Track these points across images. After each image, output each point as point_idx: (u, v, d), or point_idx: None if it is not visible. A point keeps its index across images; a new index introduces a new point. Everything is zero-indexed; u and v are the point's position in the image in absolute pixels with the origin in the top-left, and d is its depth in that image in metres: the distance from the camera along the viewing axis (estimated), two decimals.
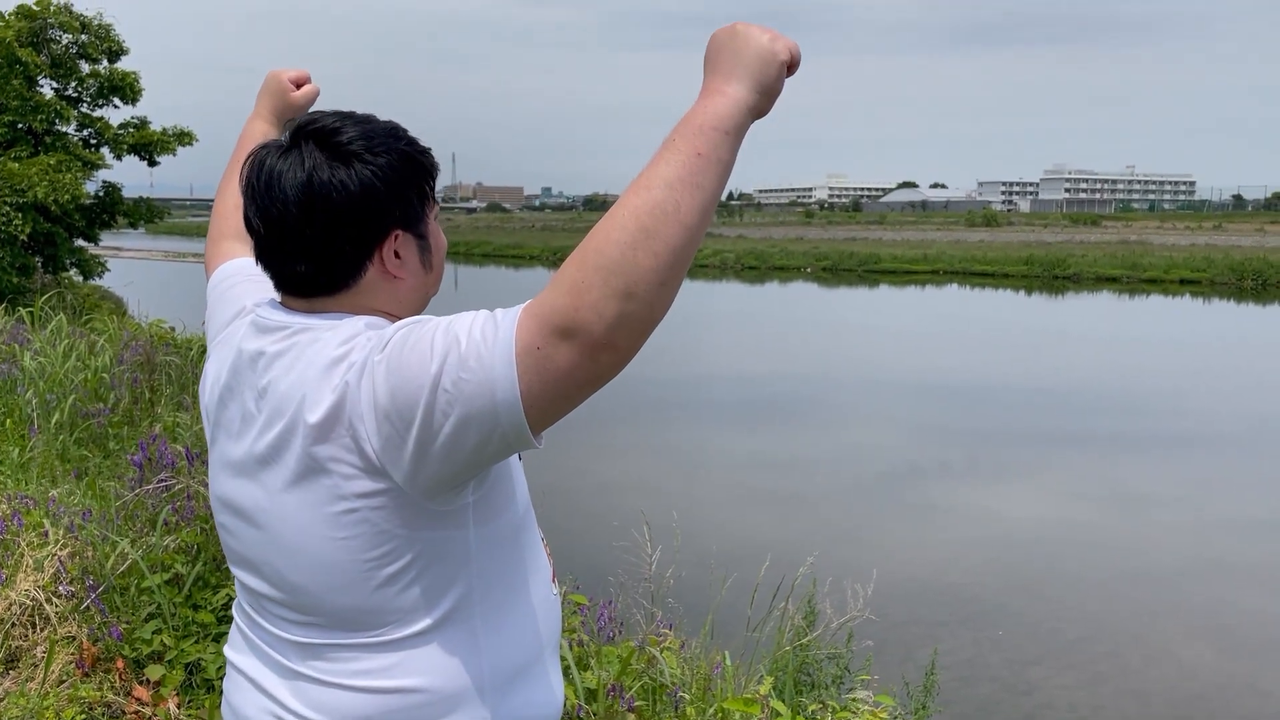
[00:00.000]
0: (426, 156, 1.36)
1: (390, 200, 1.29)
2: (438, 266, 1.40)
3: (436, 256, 1.39)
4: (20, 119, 15.48)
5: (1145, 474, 10.93)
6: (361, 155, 1.28)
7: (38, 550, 3.67)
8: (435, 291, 1.42)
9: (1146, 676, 6.14)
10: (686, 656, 3.32)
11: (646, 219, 1.11)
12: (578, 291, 1.11)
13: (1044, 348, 20.83)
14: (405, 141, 1.33)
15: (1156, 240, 51.61)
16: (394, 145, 1.31)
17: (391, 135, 1.32)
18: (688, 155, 1.15)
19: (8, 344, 7.48)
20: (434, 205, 1.38)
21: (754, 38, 1.23)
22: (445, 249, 1.42)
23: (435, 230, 1.39)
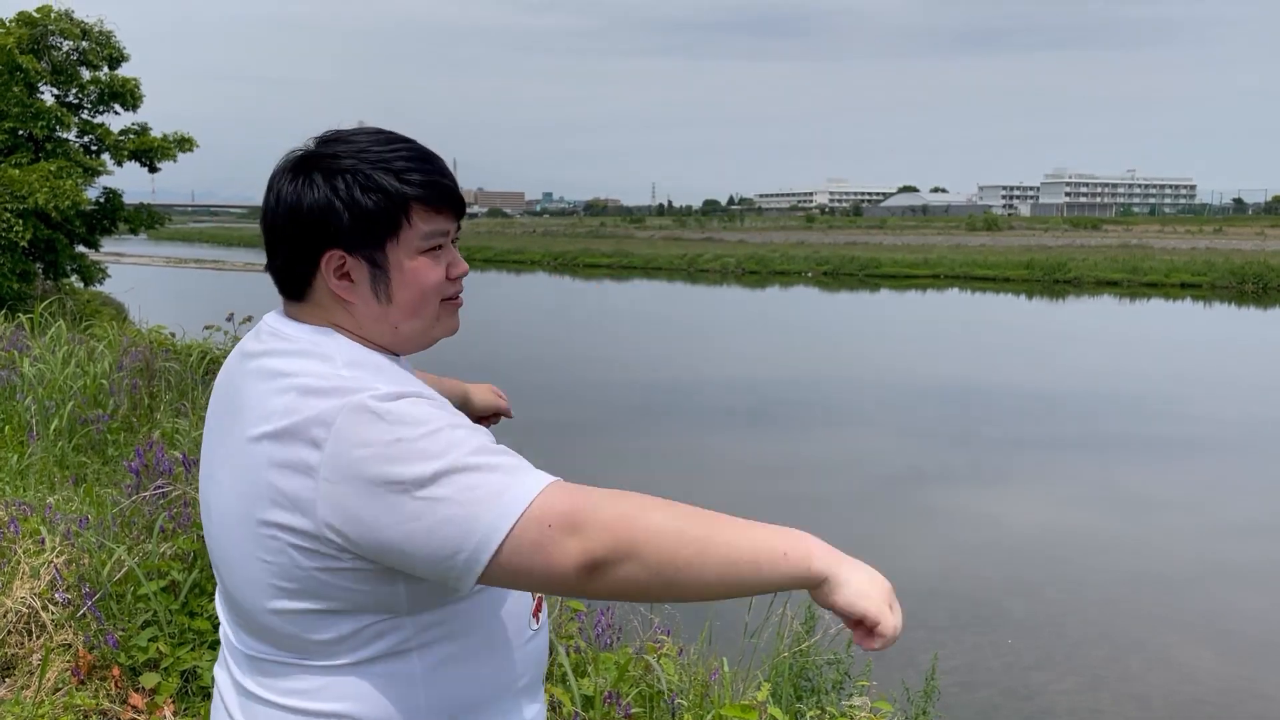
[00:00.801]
0: (403, 189, 1.28)
1: (330, 220, 1.27)
2: (403, 303, 1.31)
3: (400, 291, 1.30)
4: (21, 125, 15.49)
5: (1146, 478, 10.91)
6: (327, 172, 1.28)
7: (34, 557, 3.66)
8: (414, 330, 1.34)
9: (1147, 681, 6.13)
10: (684, 663, 3.31)
11: (696, 559, 1.18)
12: (624, 525, 1.15)
13: (1045, 352, 20.81)
14: (389, 169, 1.28)
15: (1157, 244, 51.57)
16: (366, 169, 1.28)
17: (380, 161, 1.28)
18: (764, 555, 1.26)
19: (7, 350, 7.47)
20: (414, 237, 1.29)
21: (882, 590, 1.33)
22: (426, 289, 1.31)
23: (408, 265, 1.30)
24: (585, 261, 50.91)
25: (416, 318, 1.33)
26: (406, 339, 1.35)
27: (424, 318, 1.33)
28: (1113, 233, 68.72)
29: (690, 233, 77.08)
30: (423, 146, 1.34)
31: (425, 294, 1.32)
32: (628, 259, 50.50)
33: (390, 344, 1.34)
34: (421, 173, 1.29)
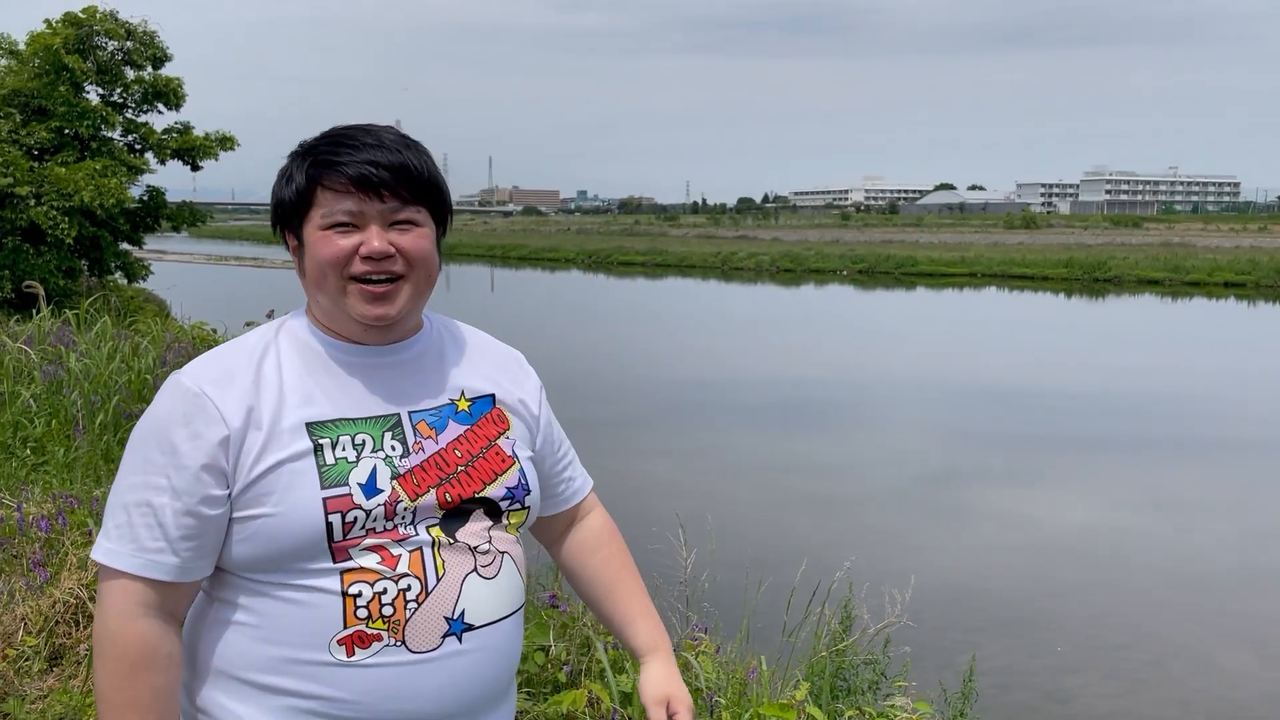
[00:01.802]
0: (309, 173, 1.40)
1: (275, 207, 1.47)
2: (310, 275, 1.43)
3: (308, 265, 1.43)
4: (67, 124, 15.74)
5: (1188, 479, 10.76)
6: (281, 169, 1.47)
7: (82, 549, 3.73)
8: (326, 305, 1.44)
9: (1189, 686, 6.05)
10: (722, 661, 3.31)
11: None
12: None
13: (1084, 351, 20.57)
14: (308, 156, 1.42)
15: (1200, 242, 50.78)
16: (296, 161, 1.44)
17: (309, 151, 1.43)
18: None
19: (54, 345, 7.61)
20: (317, 214, 1.41)
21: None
22: (320, 261, 1.40)
23: (310, 240, 1.42)
24: (619, 259, 50.96)
25: (321, 291, 1.42)
26: (328, 313, 1.45)
27: (327, 291, 1.42)
28: (1154, 231, 67.79)
29: (724, 231, 76.94)
30: (380, 140, 1.42)
31: (321, 267, 1.40)
32: (661, 257, 50.49)
33: (325, 318, 1.46)
34: (330, 160, 1.39)
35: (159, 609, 1.37)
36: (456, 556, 1.44)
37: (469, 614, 1.44)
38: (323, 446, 1.38)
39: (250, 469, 1.36)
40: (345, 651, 1.38)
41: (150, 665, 1.36)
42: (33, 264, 14.23)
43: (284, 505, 1.35)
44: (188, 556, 1.37)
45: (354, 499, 1.37)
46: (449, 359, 1.55)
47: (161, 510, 1.35)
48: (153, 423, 1.40)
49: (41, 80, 15.79)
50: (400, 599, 1.39)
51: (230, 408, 1.37)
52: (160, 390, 1.43)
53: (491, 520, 1.49)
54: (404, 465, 1.42)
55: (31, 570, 3.62)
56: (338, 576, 1.37)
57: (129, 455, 1.41)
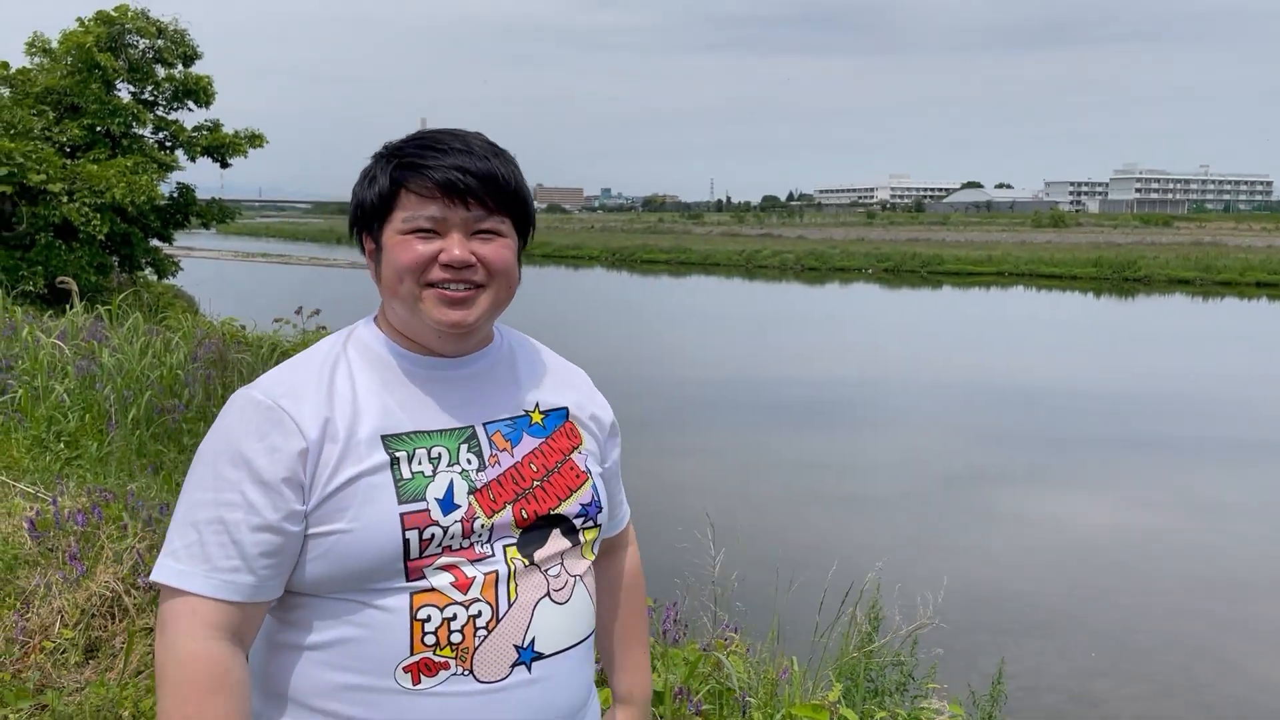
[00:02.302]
0: (394, 176, 1.37)
1: (355, 208, 1.44)
2: (386, 280, 1.39)
3: (385, 269, 1.39)
4: (99, 122, 15.91)
5: (1219, 481, 10.64)
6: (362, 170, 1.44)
7: (117, 543, 3.77)
8: (401, 311, 1.40)
9: (1219, 690, 5.99)
10: (753, 661, 3.30)
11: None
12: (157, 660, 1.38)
13: (1113, 351, 20.40)
14: (393, 159, 1.39)
15: (1231, 242, 50.23)
16: (380, 164, 1.41)
17: (393, 154, 1.40)
18: None
19: (87, 341, 7.69)
20: (399, 218, 1.37)
21: None
22: (399, 266, 1.36)
23: (389, 245, 1.38)
24: (643, 257, 50.96)
25: (396, 296, 1.39)
26: (403, 320, 1.41)
27: (402, 297, 1.38)
28: (1185, 230, 67.11)
29: (748, 229, 76.82)
30: (468, 145, 1.39)
31: (399, 272, 1.36)
32: (685, 255, 50.45)
33: (401, 326, 1.43)
34: (417, 163, 1.36)
35: (229, 632, 1.31)
36: (530, 580, 1.39)
37: (539, 642, 1.39)
38: (399, 460, 1.34)
39: (327, 483, 1.31)
40: (411, 679, 1.33)
41: (220, 689, 1.29)
42: (65, 260, 14.40)
43: (360, 521, 1.31)
44: (264, 575, 1.32)
45: (431, 515, 1.33)
46: (521, 371, 1.52)
47: (236, 527, 1.30)
48: (223, 438, 1.35)
49: (74, 78, 15.98)
50: (470, 626, 1.34)
51: (306, 419, 1.33)
52: (228, 405, 1.38)
53: (568, 541, 1.45)
54: (480, 480, 1.38)
55: (67, 563, 3.66)
56: (407, 598, 1.33)
57: (196, 473, 1.35)
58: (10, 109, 14.89)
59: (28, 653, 3.34)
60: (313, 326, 11.17)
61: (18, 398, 6.20)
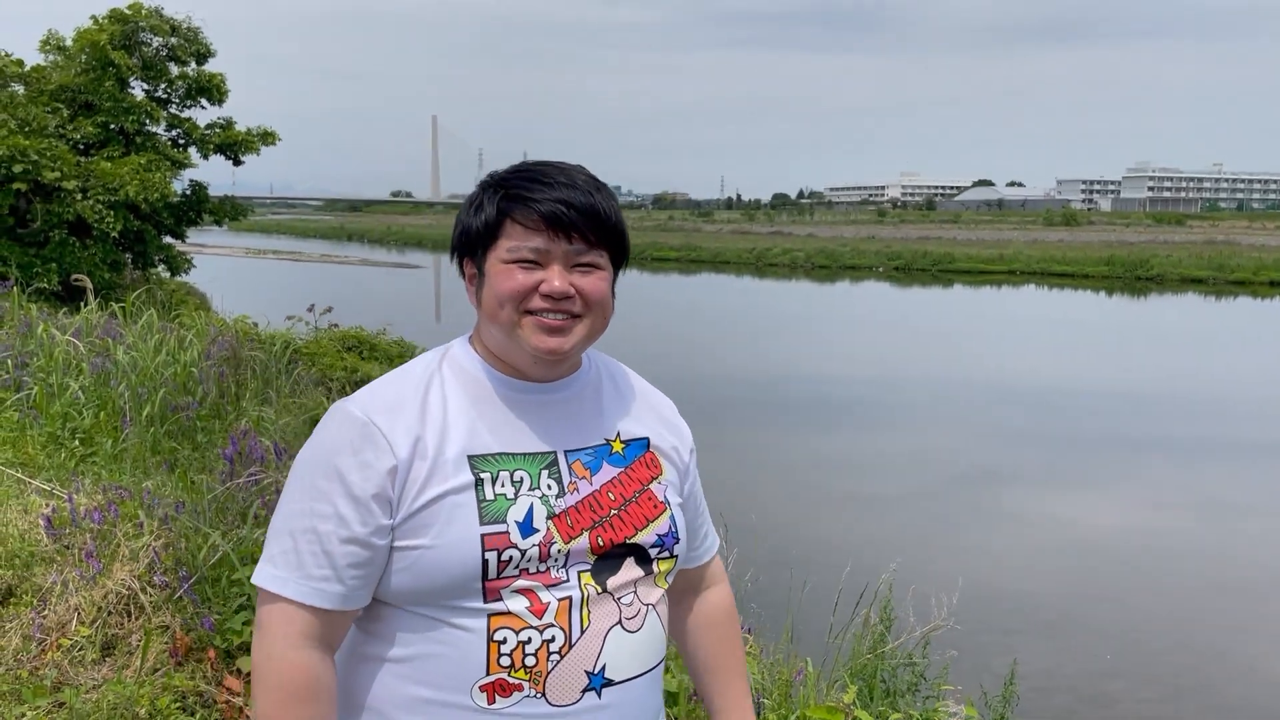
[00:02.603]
0: (501, 207, 1.42)
1: (459, 234, 1.49)
2: (487, 307, 1.44)
3: (487, 296, 1.44)
4: (112, 119, 15.97)
5: (1233, 482, 10.60)
6: (468, 197, 1.50)
7: (133, 540, 3.78)
8: (499, 335, 1.44)
9: (1231, 692, 5.97)
10: (767, 662, 3.31)
11: None
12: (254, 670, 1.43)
13: (1125, 351, 20.32)
14: (500, 190, 1.44)
15: (1245, 241, 49.97)
16: (486, 193, 1.46)
17: (501, 185, 1.44)
18: None
19: (102, 338, 7.72)
20: (503, 247, 1.42)
21: None
22: (500, 294, 1.41)
23: (492, 273, 1.43)
24: (653, 255, 50.94)
25: (495, 322, 1.43)
26: (499, 344, 1.46)
27: (502, 324, 1.42)
28: (1198, 229, 66.82)
29: (759, 226, 76.74)
30: (573, 179, 1.43)
31: (500, 299, 1.41)
32: (695, 253, 50.43)
33: (497, 350, 1.47)
34: (524, 195, 1.41)
35: (320, 639, 1.38)
36: (603, 608, 1.42)
37: (610, 669, 1.42)
38: (483, 481, 1.38)
39: (415, 499, 1.36)
40: (486, 699, 1.38)
41: (313, 696, 1.36)
42: (79, 257, 14.45)
43: (443, 538, 1.35)
44: (353, 585, 1.38)
45: (510, 538, 1.37)
46: (606, 399, 1.54)
47: (328, 538, 1.36)
48: (320, 451, 1.41)
49: (88, 76, 16.03)
50: (544, 650, 1.38)
51: (398, 437, 1.37)
52: (326, 418, 1.44)
53: (642, 570, 1.47)
54: (559, 505, 1.41)
55: (84, 561, 3.68)
56: (485, 619, 1.37)
57: (294, 482, 1.42)
58: (25, 106, 14.95)
59: (45, 650, 3.36)
60: (324, 324, 11.20)
61: (33, 394, 6.22)
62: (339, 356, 10.18)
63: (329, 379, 9.48)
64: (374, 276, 40.66)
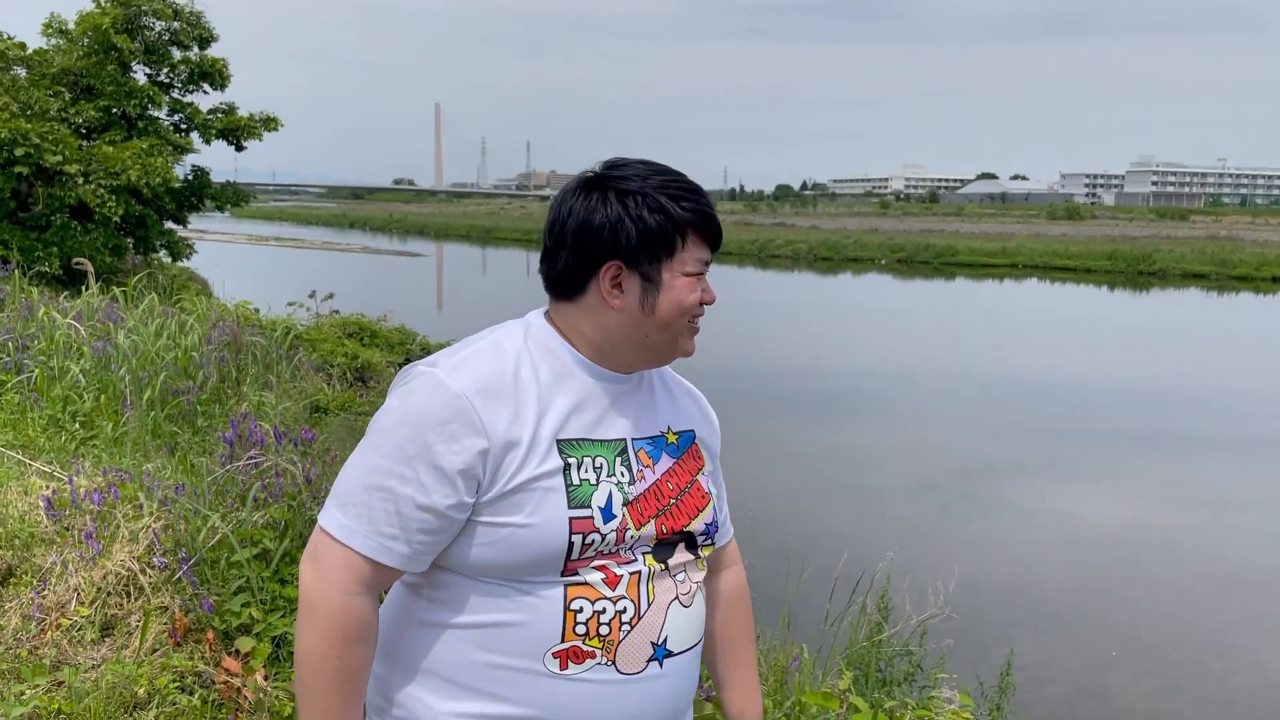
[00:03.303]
0: (683, 214, 1.47)
1: (613, 236, 1.46)
2: (662, 316, 1.48)
3: (664, 305, 1.47)
4: (115, 104, 15.92)
5: (1232, 477, 10.60)
6: (619, 193, 1.47)
7: (133, 522, 3.80)
8: (661, 341, 1.50)
9: (1229, 685, 5.98)
10: (763, 649, 3.31)
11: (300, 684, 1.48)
12: (304, 598, 1.45)
13: (1127, 345, 20.31)
14: (671, 196, 1.47)
15: (1248, 236, 49.91)
16: (653, 193, 1.47)
17: (663, 188, 1.47)
18: None
19: (103, 322, 7.73)
20: (686, 259, 1.48)
21: None
22: (684, 306, 1.48)
23: (674, 284, 1.47)
24: None
25: (667, 331, 1.50)
26: (652, 349, 1.52)
27: (672, 331, 1.50)
28: (1201, 224, 66.71)
29: (762, 218, 76.61)
30: (694, 182, 1.53)
31: (682, 311, 1.49)
32: None
33: (630, 349, 1.51)
34: (695, 204, 1.49)
35: (373, 586, 1.43)
36: (664, 584, 1.50)
37: (670, 640, 1.50)
38: (570, 466, 1.43)
39: (510, 479, 1.40)
40: (559, 665, 1.43)
41: (363, 639, 1.41)
42: (80, 241, 14.43)
43: (536, 518, 1.39)
44: (418, 549, 1.42)
45: (594, 522, 1.42)
46: (659, 393, 1.62)
47: (404, 501, 1.39)
48: (411, 414, 1.41)
49: (90, 59, 15.99)
50: (616, 620, 1.44)
51: (495, 420, 1.40)
52: (416, 381, 1.44)
53: (690, 554, 1.55)
54: (631, 493, 1.48)
55: (84, 542, 3.69)
56: (561, 589, 1.42)
57: (377, 435, 1.43)
58: (27, 90, 14.91)
59: (44, 630, 3.37)
60: (326, 310, 11.21)
61: (34, 377, 6.23)
62: (340, 343, 10.18)
63: (330, 365, 9.49)
64: (376, 264, 40.64)
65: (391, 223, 79.38)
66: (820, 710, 2.58)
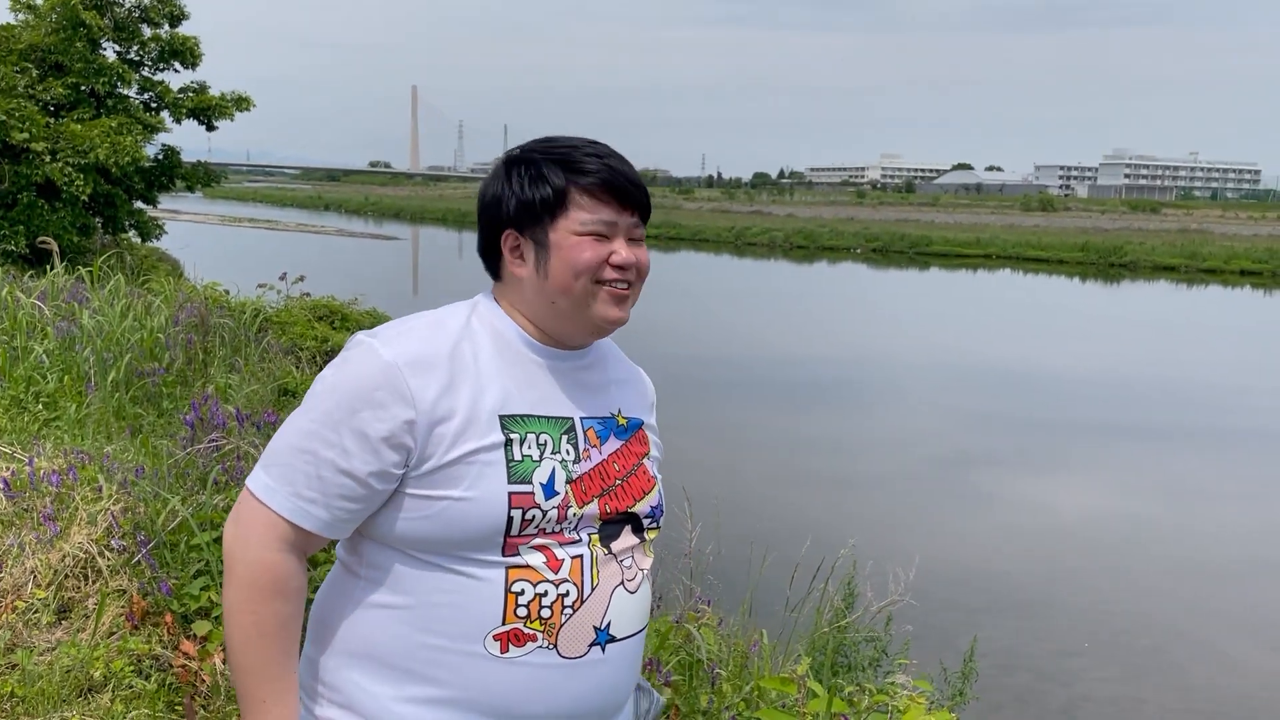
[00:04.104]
0: (568, 179, 1.45)
1: (501, 205, 1.50)
2: (555, 276, 1.46)
3: (556, 267, 1.46)
4: (83, 81, 15.68)
5: (1197, 468, 10.73)
6: (508, 165, 1.51)
7: (92, 504, 3.75)
8: (569, 306, 1.48)
9: (1191, 672, 6.06)
10: (724, 633, 3.32)
11: (229, 640, 1.46)
12: (228, 556, 1.46)
13: (1098, 337, 20.48)
14: (561, 162, 1.47)
15: (1218, 229, 50.44)
16: (540, 162, 1.48)
17: (558, 157, 1.47)
18: (248, 691, 1.48)
19: (68, 302, 7.62)
20: (574, 220, 1.45)
21: None
22: (577, 267, 1.45)
23: (566, 243, 1.46)
24: None
25: (568, 294, 1.47)
26: (565, 315, 1.49)
27: (574, 295, 1.47)
28: (1172, 217, 67.33)
29: (739, 205, 76.65)
30: (611, 150, 1.50)
31: (576, 271, 1.45)
32: (675, 230, 50.32)
33: (550, 319, 1.50)
34: (590, 169, 1.46)
35: (296, 547, 1.43)
36: (609, 568, 1.49)
37: (614, 626, 1.49)
38: (512, 441, 1.43)
39: (446, 452, 1.39)
40: (500, 648, 1.42)
41: (281, 594, 1.41)
42: (47, 220, 14.23)
43: (475, 491, 1.39)
44: (338, 515, 1.41)
45: (535, 498, 1.42)
46: (611, 374, 1.61)
47: (325, 464, 1.39)
48: (342, 381, 1.42)
49: (59, 36, 15.73)
50: (559, 603, 1.44)
51: (424, 391, 1.39)
52: (353, 349, 1.45)
53: (636, 538, 1.55)
54: (576, 471, 1.47)
55: (41, 524, 3.64)
56: (503, 571, 1.41)
57: (309, 400, 1.44)
58: None
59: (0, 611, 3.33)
60: (297, 293, 11.10)
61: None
62: (310, 326, 10.09)
63: (299, 348, 9.41)
64: (351, 247, 40.35)
65: (367, 205, 78.81)
66: (779, 695, 2.59)
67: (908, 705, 2.47)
